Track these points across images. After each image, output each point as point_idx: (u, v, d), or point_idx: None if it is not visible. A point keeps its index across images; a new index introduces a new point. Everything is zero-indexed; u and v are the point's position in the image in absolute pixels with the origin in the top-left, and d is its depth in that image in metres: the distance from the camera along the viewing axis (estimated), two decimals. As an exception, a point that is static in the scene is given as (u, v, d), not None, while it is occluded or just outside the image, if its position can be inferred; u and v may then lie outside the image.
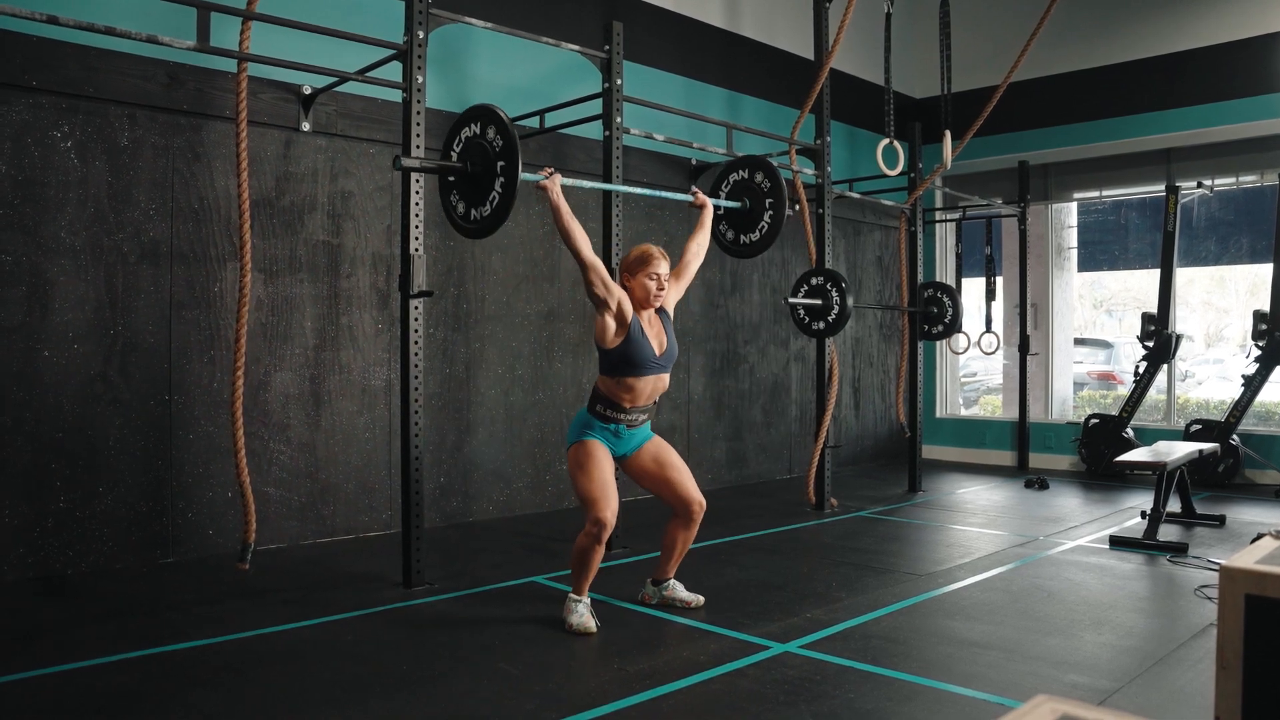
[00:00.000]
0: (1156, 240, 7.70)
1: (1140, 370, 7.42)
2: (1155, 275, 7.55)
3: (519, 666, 3.05)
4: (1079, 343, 9.36)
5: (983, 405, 9.94)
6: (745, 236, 4.96)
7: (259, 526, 4.21)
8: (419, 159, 3.91)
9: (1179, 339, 7.41)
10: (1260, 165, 7.41)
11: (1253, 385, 6.94)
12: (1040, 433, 8.40)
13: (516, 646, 3.25)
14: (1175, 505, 5.64)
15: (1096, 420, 7.73)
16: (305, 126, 4.85)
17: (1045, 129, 8.38)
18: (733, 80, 7.33)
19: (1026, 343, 8.28)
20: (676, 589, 3.77)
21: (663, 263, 3.52)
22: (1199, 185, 7.43)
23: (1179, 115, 7.68)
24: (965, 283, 8.28)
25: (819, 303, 5.87)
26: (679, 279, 3.73)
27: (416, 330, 4.11)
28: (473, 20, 4.39)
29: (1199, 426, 7.16)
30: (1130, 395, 7.49)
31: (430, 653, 3.18)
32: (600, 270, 3.39)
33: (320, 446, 4.96)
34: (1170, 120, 7.73)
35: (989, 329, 8.01)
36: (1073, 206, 8.63)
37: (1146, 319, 7.37)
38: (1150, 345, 7.33)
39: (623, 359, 3.43)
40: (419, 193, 4.09)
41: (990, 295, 8.08)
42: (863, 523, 5.65)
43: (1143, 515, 5.39)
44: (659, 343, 3.53)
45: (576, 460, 3.48)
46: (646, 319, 3.54)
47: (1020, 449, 8.38)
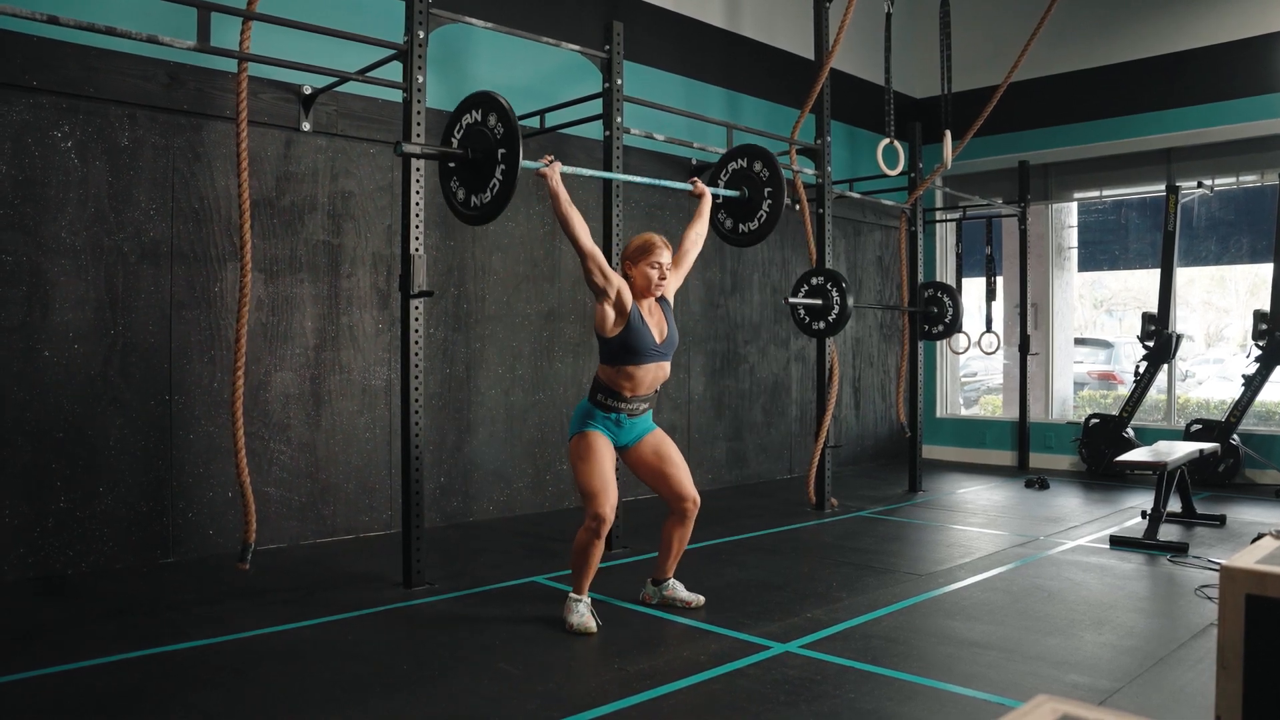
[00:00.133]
0: (1157, 240, 7.70)
1: (1140, 370, 7.42)
2: (1155, 275, 7.55)
3: (519, 666, 3.05)
4: (1079, 342, 9.36)
5: (983, 405, 9.94)
6: (744, 225, 4.96)
7: (259, 526, 4.20)
8: (419, 144, 3.92)
9: (1179, 339, 7.41)
10: (1260, 165, 7.40)
11: (1253, 385, 6.94)
12: (1040, 433, 8.40)
13: (517, 646, 3.25)
14: (1176, 505, 5.64)
15: (1097, 420, 7.72)
16: (305, 126, 4.85)
17: (1045, 129, 8.38)
18: (733, 80, 7.33)
19: (1027, 342, 8.28)
20: (677, 589, 3.77)
21: (665, 252, 3.51)
22: (1199, 185, 7.43)
23: (1179, 115, 7.68)
24: (965, 283, 8.28)
25: (819, 302, 5.87)
26: (678, 267, 3.72)
27: (417, 330, 4.11)
28: (473, 20, 4.39)
29: (1199, 426, 7.16)
30: (1130, 395, 7.49)
31: (430, 653, 3.18)
32: (599, 259, 3.39)
33: (320, 446, 4.96)
34: (1170, 120, 7.73)
35: (989, 329, 8.02)
36: (1073, 206, 8.63)
37: (1147, 319, 7.37)
38: (1150, 345, 7.33)
39: (623, 347, 3.43)
40: (419, 191, 4.09)
41: (990, 295, 8.08)
42: (863, 523, 5.65)
43: (1143, 515, 5.38)
44: (659, 330, 3.52)
45: (578, 452, 3.47)
46: (647, 307, 3.53)
47: (1020, 449, 8.38)
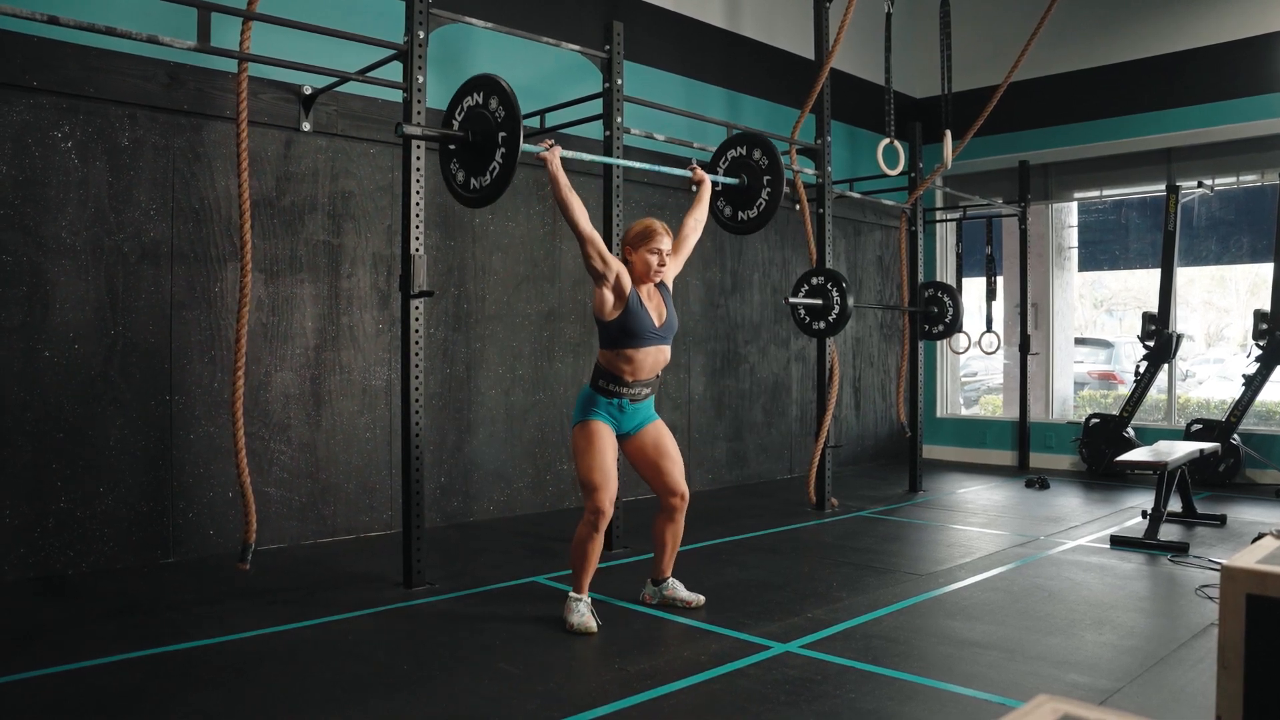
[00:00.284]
0: (1157, 240, 7.70)
1: (1141, 370, 7.42)
2: (1156, 275, 7.55)
3: (519, 666, 3.05)
4: (1079, 342, 9.36)
5: (983, 405, 9.94)
6: (743, 213, 4.96)
7: (259, 526, 4.21)
8: (420, 125, 3.91)
9: (1179, 338, 7.41)
10: (1261, 165, 7.40)
11: (1253, 385, 6.94)
12: (1041, 432, 8.40)
13: (517, 646, 3.25)
14: (1176, 505, 5.63)
15: (1097, 420, 7.72)
16: (306, 126, 4.85)
17: (1045, 129, 8.38)
18: (733, 80, 7.33)
19: (1027, 342, 8.28)
20: (677, 588, 3.77)
21: (665, 238, 3.52)
22: (1199, 185, 7.43)
23: (1179, 115, 7.67)
24: (966, 282, 8.28)
25: (819, 302, 5.87)
26: (677, 253, 3.71)
27: (417, 330, 4.11)
28: (473, 20, 4.39)
29: (1200, 426, 7.16)
30: (1131, 395, 7.49)
31: (430, 653, 3.18)
32: (598, 243, 3.40)
33: (321, 446, 4.96)
34: (1170, 120, 7.72)
35: (989, 329, 8.01)
36: (1073, 206, 8.63)
37: (1147, 318, 7.37)
38: (1151, 345, 7.33)
39: (622, 330, 3.43)
40: (419, 192, 4.09)
41: (991, 295, 8.08)
42: (863, 522, 5.65)
43: (1143, 515, 5.38)
44: (658, 314, 3.53)
45: (580, 442, 3.47)
46: (646, 292, 3.54)
47: (1021, 449, 8.38)
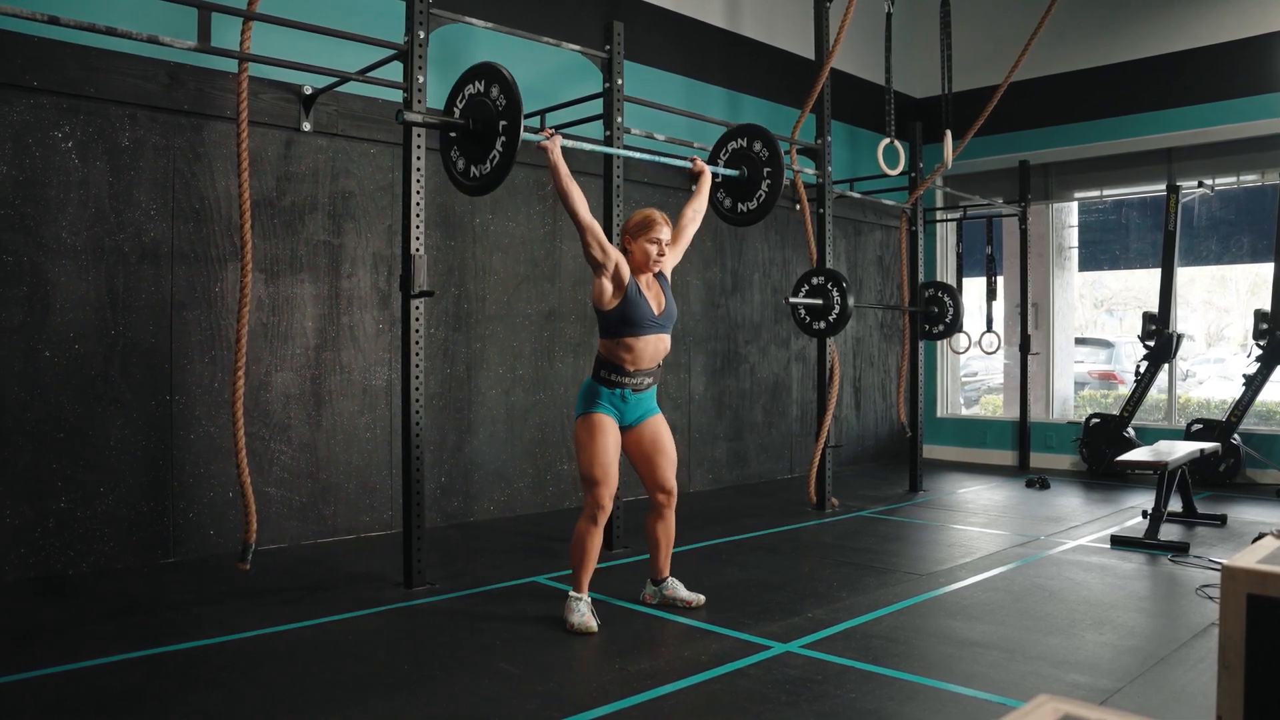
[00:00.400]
0: (1157, 240, 7.70)
1: (1141, 370, 7.41)
2: (1156, 275, 7.54)
3: (519, 666, 3.05)
4: (1080, 342, 9.35)
5: (983, 405, 9.93)
6: (743, 205, 4.97)
7: (260, 526, 4.21)
8: (421, 113, 3.92)
9: (1180, 338, 7.40)
10: (1261, 164, 7.40)
11: (1254, 384, 6.94)
12: (1041, 432, 8.40)
13: (517, 646, 3.25)
14: (1176, 505, 5.63)
15: (1097, 420, 7.72)
16: (306, 126, 4.85)
17: (1045, 129, 8.37)
18: (733, 80, 7.33)
19: (1027, 342, 8.28)
20: (677, 588, 3.77)
21: (664, 228, 3.54)
22: (1200, 185, 7.42)
23: (1179, 115, 7.67)
24: (966, 282, 8.28)
25: (820, 302, 5.87)
26: (676, 243, 3.73)
27: (417, 330, 4.11)
28: (473, 20, 4.39)
29: (1200, 426, 7.16)
30: (1131, 395, 7.48)
31: (430, 653, 3.18)
32: (597, 232, 3.41)
33: (321, 446, 4.96)
34: (1171, 120, 7.72)
35: (990, 328, 8.01)
36: (1073, 206, 8.62)
37: (1147, 318, 7.37)
38: (1151, 345, 7.33)
39: (621, 319, 3.44)
40: (419, 191, 4.09)
41: (991, 295, 8.08)
42: (863, 522, 5.65)
43: (1144, 515, 5.38)
44: (657, 303, 3.54)
45: (582, 435, 3.48)
46: (645, 281, 3.55)
47: (1021, 449, 8.38)
